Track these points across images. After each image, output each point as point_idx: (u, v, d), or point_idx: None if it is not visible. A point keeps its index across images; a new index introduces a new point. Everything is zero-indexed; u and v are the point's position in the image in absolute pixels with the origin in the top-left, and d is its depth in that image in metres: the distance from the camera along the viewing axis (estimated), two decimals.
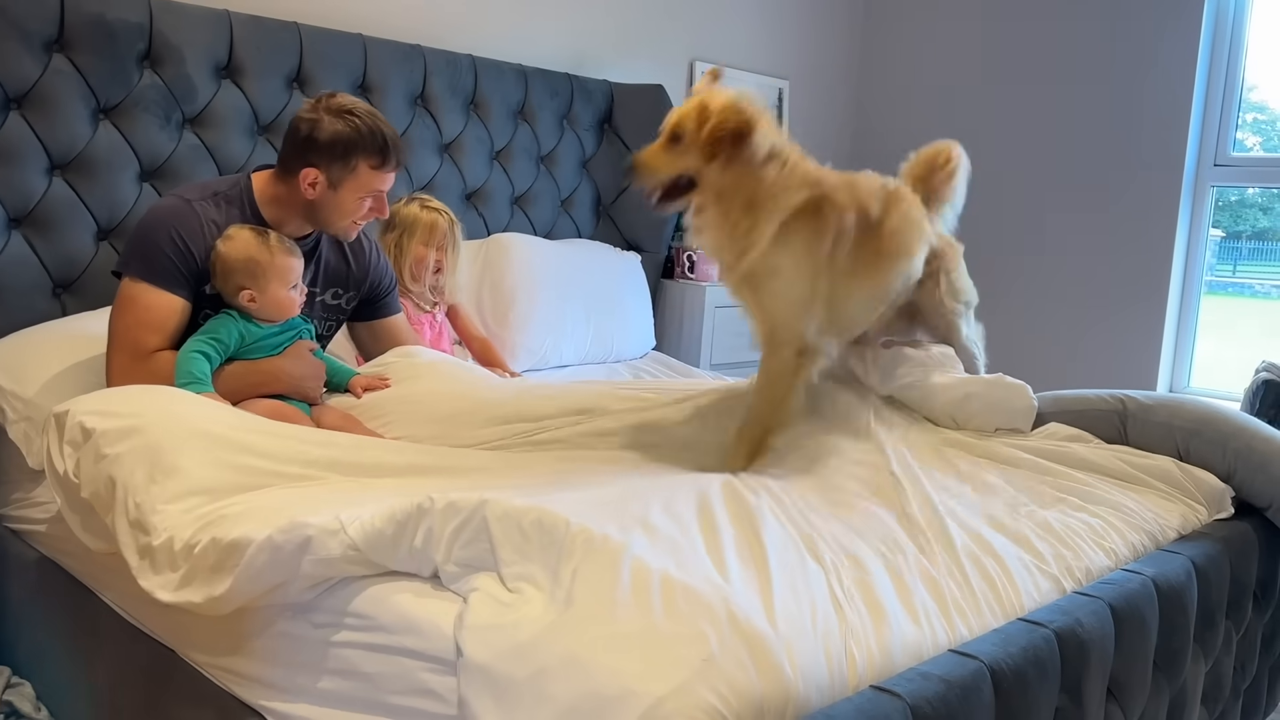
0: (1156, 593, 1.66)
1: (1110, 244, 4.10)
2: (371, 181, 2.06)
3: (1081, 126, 4.14)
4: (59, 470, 1.67)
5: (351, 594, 1.39)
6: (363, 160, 2.03)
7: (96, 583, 1.83)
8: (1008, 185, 4.34)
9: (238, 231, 1.97)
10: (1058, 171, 4.22)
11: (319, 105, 2.04)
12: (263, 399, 1.95)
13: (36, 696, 1.97)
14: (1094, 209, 4.13)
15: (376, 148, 2.03)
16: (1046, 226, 4.28)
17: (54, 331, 2.25)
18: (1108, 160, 4.09)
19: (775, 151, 1.88)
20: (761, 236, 1.87)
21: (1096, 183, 4.12)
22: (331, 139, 2.00)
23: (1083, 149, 4.15)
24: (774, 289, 1.91)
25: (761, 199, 1.86)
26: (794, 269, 1.89)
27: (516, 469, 1.83)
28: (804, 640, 1.21)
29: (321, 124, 2.01)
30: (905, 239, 2.09)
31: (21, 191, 2.31)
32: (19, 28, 2.25)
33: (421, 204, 2.65)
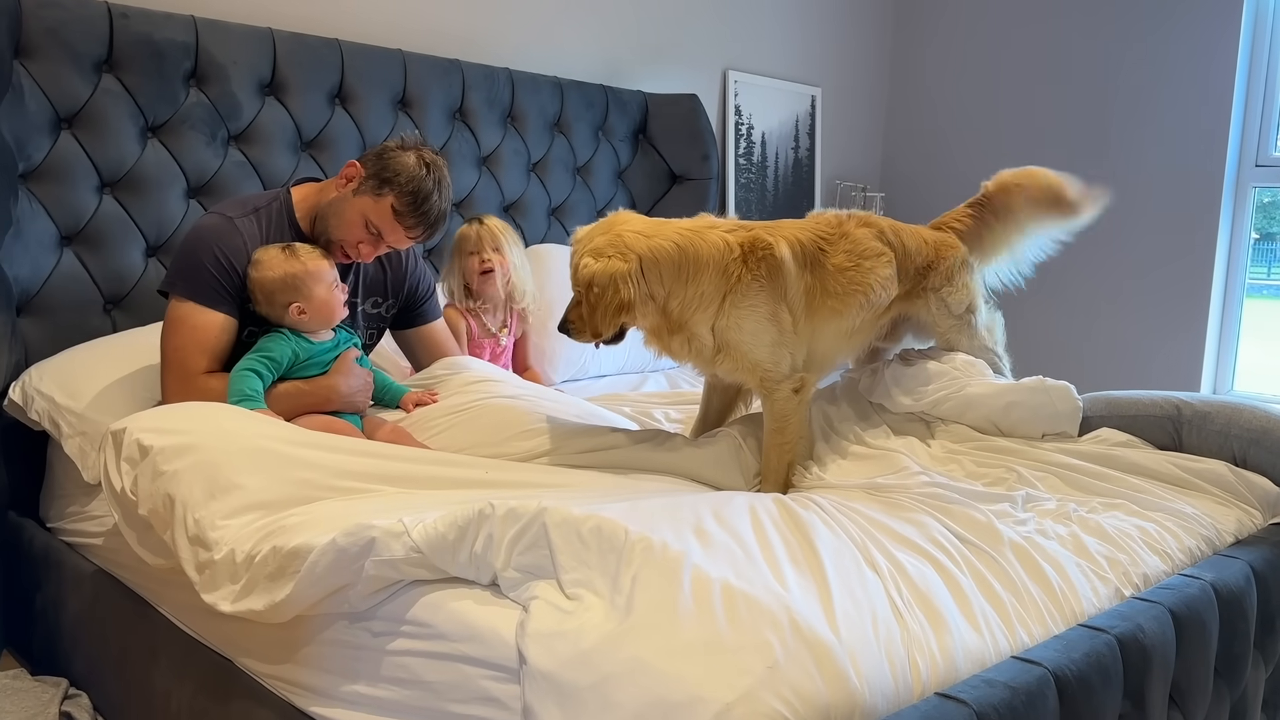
0: (1216, 598, 1.64)
1: (1152, 246, 4.06)
2: (384, 219, 2.05)
3: (1120, 129, 4.11)
4: (116, 487, 1.69)
5: (410, 601, 1.40)
6: (393, 198, 2.04)
7: (153, 595, 1.85)
8: None
9: (263, 254, 1.99)
10: (1097, 175, 4.18)
11: (420, 145, 2.10)
12: (316, 415, 1.97)
13: (94, 707, 1.99)
14: (1135, 211, 4.09)
15: (410, 199, 2.03)
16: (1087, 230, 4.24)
17: (106, 347, 2.28)
18: (1148, 162, 4.05)
19: (665, 275, 1.93)
20: (703, 336, 1.98)
21: (1137, 185, 4.08)
22: (392, 163, 2.04)
23: (1122, 151, 4.11)
24: (744, 345, 1.99)
25: (681, 316, 1.96)
26: (751, 319, 1.97)
27: (566, 482, 1.84)
28: (867, 647, 1.21)
29: (402, 154, 2.06)
30: (851, 277, 2.10)
31: (73, 210, 2.35)
32: (70, 49, 2.29)
33: (468, 222, 2.66)
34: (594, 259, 1.89)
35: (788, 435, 2.02)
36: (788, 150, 4.29)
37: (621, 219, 1.98)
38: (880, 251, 2.18)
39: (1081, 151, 4.21)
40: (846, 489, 1.90)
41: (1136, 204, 4.09)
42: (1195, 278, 3.96)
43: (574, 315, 1.95)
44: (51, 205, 2.31)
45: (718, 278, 1.96)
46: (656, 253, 1.91)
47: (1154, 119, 4.03)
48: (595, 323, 1.90)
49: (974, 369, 2.26)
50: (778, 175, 4.25)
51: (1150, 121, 4.04)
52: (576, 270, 1.91)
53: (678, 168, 3.56)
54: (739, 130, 4.07)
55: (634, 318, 1.93)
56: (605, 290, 1.87)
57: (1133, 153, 4.08)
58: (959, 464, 2.06)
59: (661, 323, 1.97)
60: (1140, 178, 4.07)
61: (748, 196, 4.11)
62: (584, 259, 1.90)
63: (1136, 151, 4.08)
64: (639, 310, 1.91)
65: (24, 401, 2.17)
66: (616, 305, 1.88)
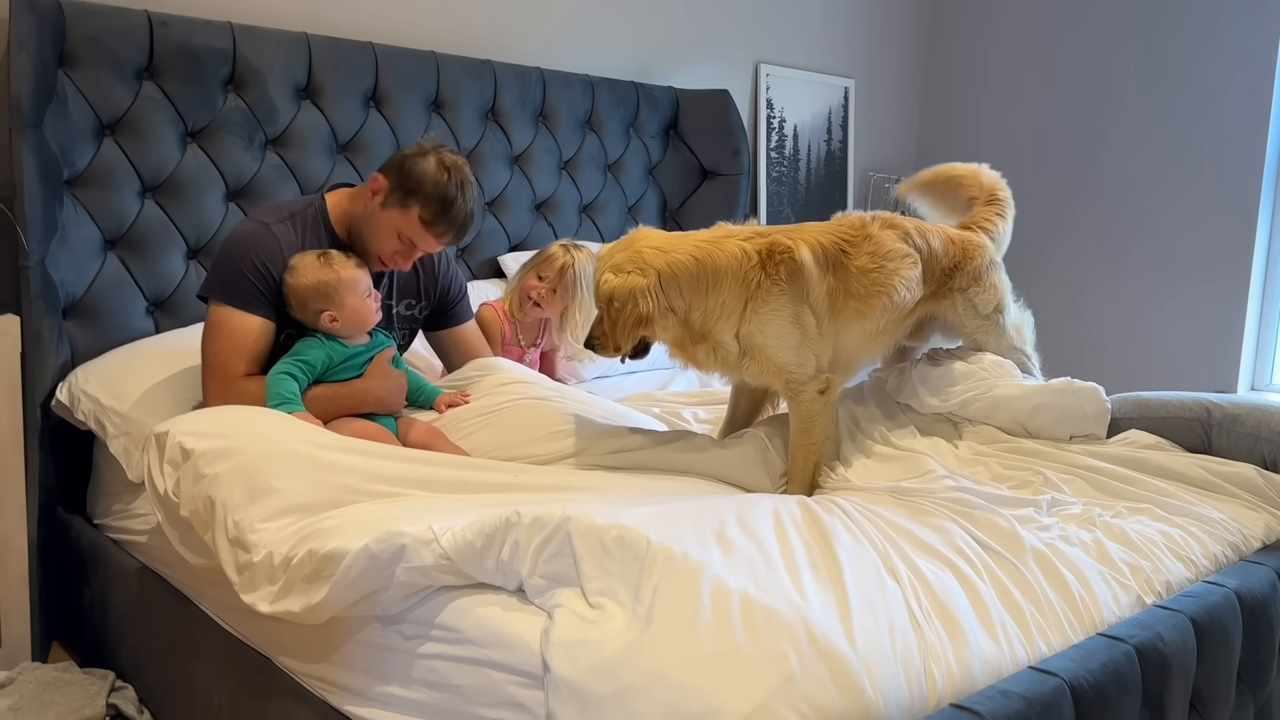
0: (1240, 605, 1.64)
1: (1190, 236, 4.02)
2: (413, 229, 2.07)
3: (1157, 117, 4.07)
4: (159, 489, 1.75)
5: (439, 606, 1.44)
6: (419, 208, 2.05)
7: (195, 593, 1.92)
8: (1081, 180, 4.28)
9: (299, 260, 2.03)
10: (1133, 164, 4.15)
11: (438, 147, 2.10)
12: (352, 419, 2.02)
13: (139, 699, 2.06)
14: (1173, 200, 4.05)
15: (436, 207, 2.05)
16: (1124, 220, 4.21)
17: (149, 348, 2.34)
18: (1187, 153, 4.01)
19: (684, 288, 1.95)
20: (728, 344, 2.01)
21: (1175, 174, 4.04)
22: (413, 173, 2.06)
23: (1159, 139, 4.07)
24: (769, 348, 2.01)
25: (704, 326, 1.99)
26: (774, 322, 2.00)
27: (593, 485, 1.88)
28: (883, 659, 1.23)
29: (421, 160, 2.06)
30: (875, 278, 2.11)
31: (116, 214, 2.41)
32: (112, 57, 2.35)
33: (564, 243, 2.68)
34: (614, 275, 1.93)
35: (813, 436, 2.04)
36: (820, 143, 4.28)
37: (641, 235, 2.01)
38: (905, 253, 2.18)
39: (1119, 142, 4.17)
40: (871, 492, 1.92)
41: (1175, 195, 4.04)
42: (1235, 268, 3.92)
43: (598, 331, 1.99)
44: (95, 210, 2.38)
45: (737, 286, 1.98)
46: (674, 267, 1.94)
47: (1193, 110, 3.98)
48: (616, 336, 1.94)
49: (1002, 370, 2.27)
50: (810, 168, 4.24)
51: (1189, 112, 3.99)
52: (598, 286, 1.95)
53: (709, 163, 3.57)
54: (771, 124, 4.07)
55: (654, 331, 1.96)
56: (625, 305, 1.91)
57: (1172, 143, 4.04)
58: (985, 466, 2.07)
59: (684, 334, 2.00)
60: (1179, 169, 4.02)
61: (779, 190, 4.12)
62: (605, 275, 1.94)
63: (1175, 142, 4.03)
64: (658, 323, 1.95)
65: (70, 402, 2.24)
66: (635, 319, 1.92)
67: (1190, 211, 4.01)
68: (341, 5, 2.84)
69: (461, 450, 2.08)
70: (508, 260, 3.07)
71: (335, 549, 1.51)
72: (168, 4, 2.52)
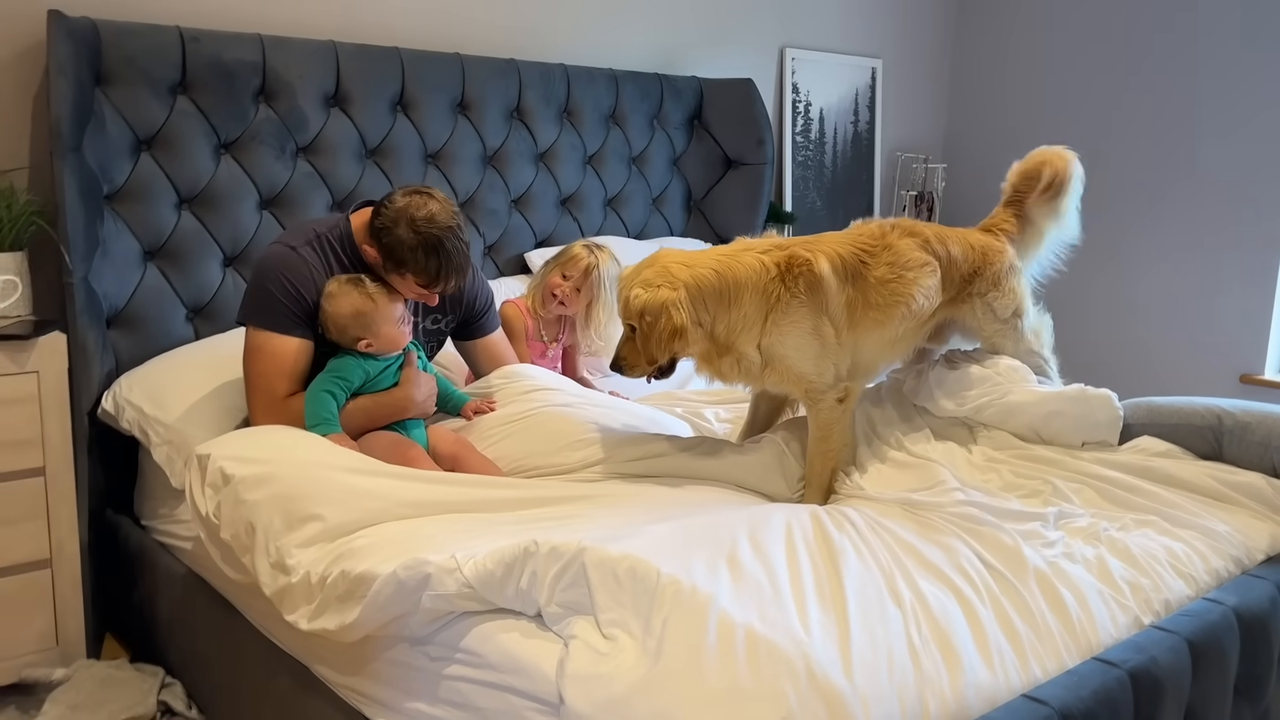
0: (1238, 622, 1.69)
1: (1220, 213, 4.00)
2: (416, 291, 2.14)
3: (1183, 100, 4.02)
4: (201, 510, 1.85)
5: (463, 630, 1.53)
6: (412, 274, 2.11)
7: (238, 602, 2.02)
8: (1107, 164, 4.25)
9: (338, 288, 2.10)
10: (1160, 147, 4.12)
11: (412, 204, 2.08)
12: (383, 432, 2.11)
13: (188, 695, 2.18)
14: (1200, 183, 4.02)
15: (428, 273, 2.09)
16: (1151, 204, 4.18)
17: (188, 357, 2.43)
18: (1213, 133, 3.97)
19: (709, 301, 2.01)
20: (750, 355, 2.06)
21: (1202, 156, 4.00)
22: (395, 245, 2.07)
23: (1186, 123, 4.03)
24: (789, 359, 2.06)
25: (728, 339, 2.04)
26: (794, 334, 2.04)
27: (613, 495, 1.95)
28: (880, 693, 1.30)
29: (397, 227, 2.07)
30: (893, 288, 2.15)
31: (154, 226, 2.50)
32: (147, 75, 2.43)
33: (585, 243, 2.73)
34: (644, 289, 1.97)
35: (831, 444, 2.10)
36: (847, 124, 4.28)
37: (664, 253, 2.06)
38: (924, 261, 2.22)
39: (1150, 119, 4.13)
40: (884, 504, 1.98)
41: (1205, 173, 4.01)
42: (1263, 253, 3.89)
43: (626, 350, 2.04)
44: (134, 223, 2.47)
45: (757, 298, 2.04)
46: (699, 281, 1.99)
47: (1217, 87, 3.93)
48: (650, 351, 1.99)
49: (1016, 375, 2.30)
50: (836, 150, 4.25)
51: (1213, 90, 3.94)
52: (627, 303, 2.00)
53: (733, 153, 3.60)
54: (796, 108, 4.07)
55: (686, 344, 2.00)
56: (658, 318, 1.96)
57: (1196, 125, 4.00)
58: (998, 473, 2.12)
59: (710, 347, 2.05)
60: (1205, 150, 3.99)
61: (805, 174, 4.13)
62: (634, 290, 1.99)
63: (1201, 123, 3.99)
64: (690, 336, 1.99)
65: (115, 411, 2.34)
66: (670, 331, 1.96)
67: (1220, 189, 3.97)
68: (367, 11, 2.89)
69: (488, 460, 2.16)
70: (533, 256, 3.13)
71: (365, 571, 1.60)
72: (198, 18, 2.59)
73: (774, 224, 3.85)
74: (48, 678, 2.17)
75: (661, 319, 1.96)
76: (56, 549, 2.23)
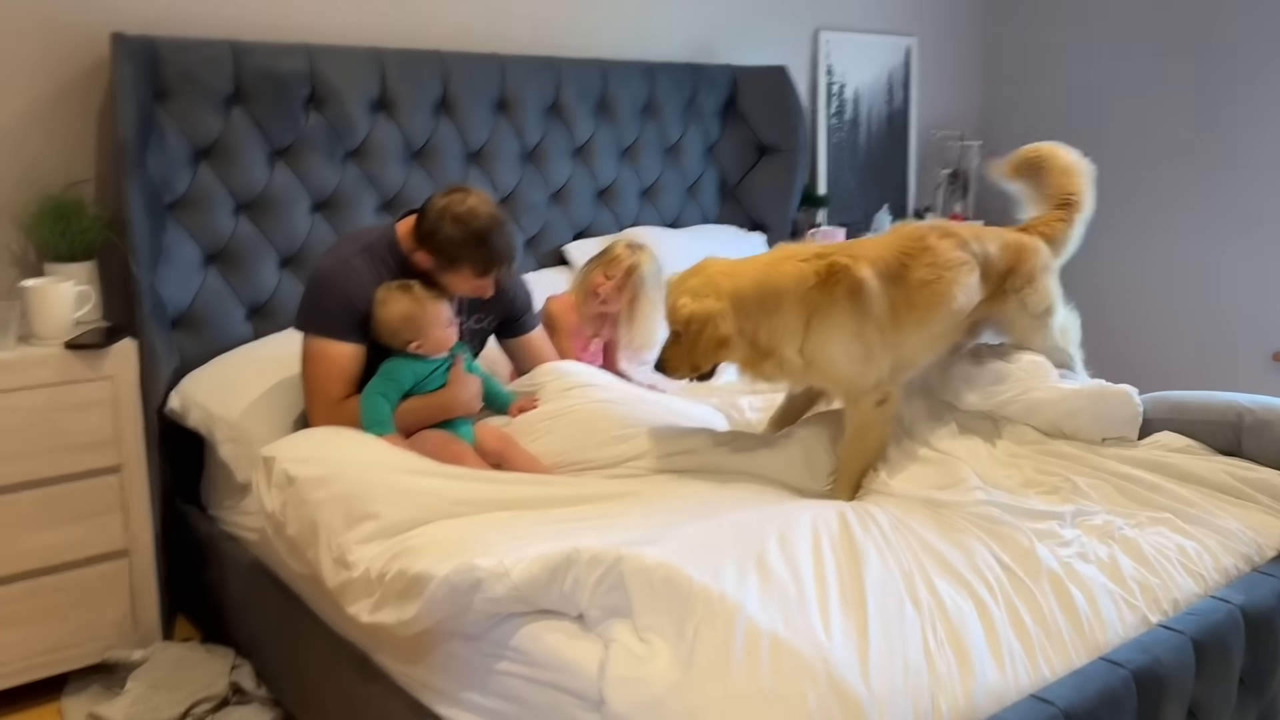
0: (1243, 620, 1.78)
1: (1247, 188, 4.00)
2: (472, 284, 2.26)
3: (1221, 75, 4.01)
4: (268, 508, 2.00)
5: (512, 629, 1.65)
6: (467, 267, 2.23)
7: (301, 591, 2.17)
8: (1138, 145, 4.26)
9: (388, 294, 2.22)
10: (1194, 123, 4.11)
11: (452, 203, 2.21)
12: (432, 430, 2.24)
13: (256, 674, 2.35)
14: (1229, 165, 4.03)
15: (481, 262, 2.22)
16: (1179, 185, 4.19)
17: (249, 356, 2.58)
18: (1242, 114, 3.96)
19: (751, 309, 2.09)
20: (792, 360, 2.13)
21: (1237, 131, 4.00)
22: (445, 243, 2.20)
23: (1222, 98, 4.02)
24: (831, 363, 2.14)
25: (770, 344, 2.12)
26: (837, 339, 2.12)
27: (648, 496, 2.06)
28: (894, 696, 1.41)
29: (443, 228, 2.20)
30: (934, 289, 2.21)
31: (213, 232, 2.63)
32: (203, 89, 2.55)
33: (626, 243, 2.83)
34: (691, 299, 2.07)
35: (867, 444, 2.19)
36: (881, 104, 4.32)
37: (710, 262, 2.15)
38: (963, 261, 2.28)
39: (1185, 96, 4.13)
40: (908, 502, 2.07)
41: (1231, 159, 4.01)
42: None
43: (670, 354, 2.14)
44: (195, 230, 2.60)
45: (798, 306, 2.12)
46: (741, 290, 2.09)
47: (1251, 71, 3.91)
48: (695, 358, 2.09)
49: (1039, 371, 2.38)
50: (870, 131, 4.29)
51: (1247, 73, 3.93)
52: (674, 310, 2.10)
53: (766, 140, 3.66)
54: (830, 90, 4.12)
55: (729, 353, 2.10)
56: (704, 327, 2.05)
57: (1227, 106, 3.99)
58: (1019, 469, 2.21)
59: (753, 354, 2.14)
60: (1235, 131, 3.98)
61: (839, 156, 4.18)
62: (681, 299, 2.08)
63: (1231, 104, 3.98)
64: (733, 345, 2.09)
65: (182, 410, 2.50)
66: (716, 341, 2.07)
67: (1256, 168, 3.98)
68: (409, 16, 2.98)
69: (531, 455, 2.28)
70: (571, 249, 3.24)
71: (421, 572, 1.73)
72: (249, 31, 2.70)
73: (808, 207, 3.92)
74: (128, 658, 2.35)
75: (707, 329, 2.06)
76: (132, 540, 2.40)
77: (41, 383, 2.21)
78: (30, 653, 2.31)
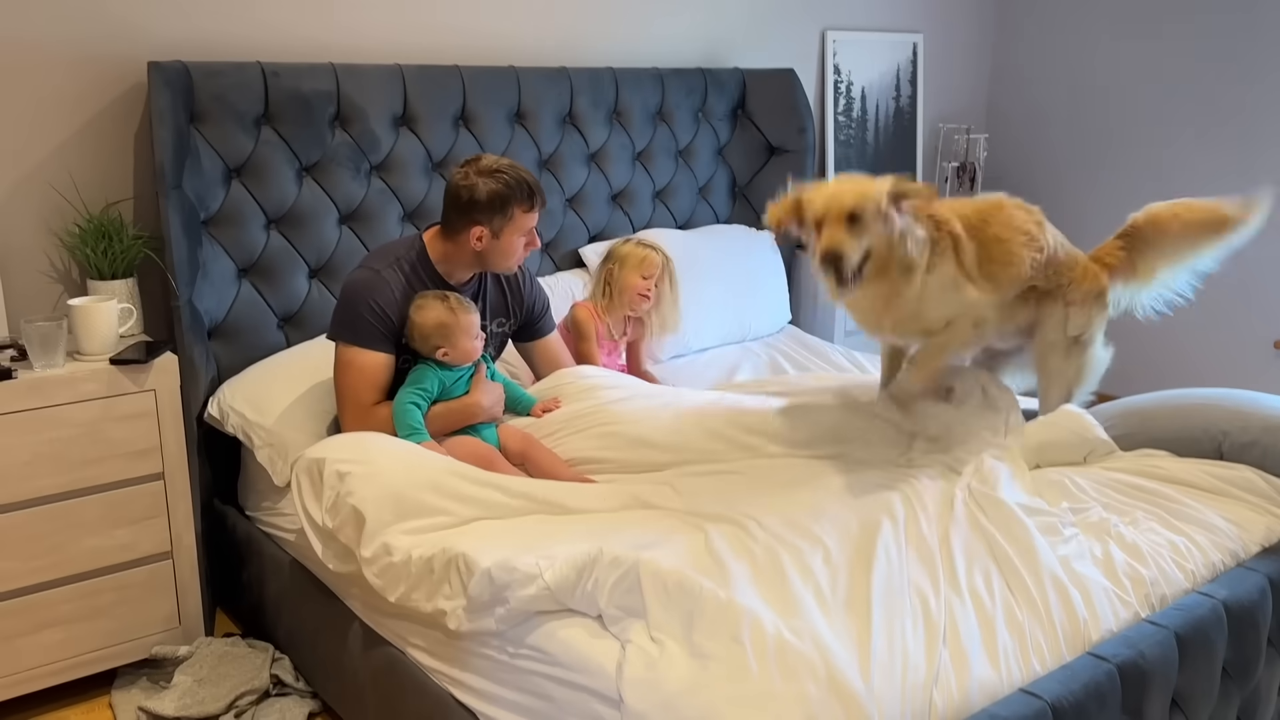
0: (1226, 614, 1.88)
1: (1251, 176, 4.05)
2: (526, 223, 2.44)
3: (1223, 66, 4.07)
4: (309, 510, 2.14)
5: (532, 628, 1.77)
6: (516, 207, 2.40)
7: (339, 590, 2.30)
8: (1142, 135, 4.32)
9: (425, 301, 2.35)
10: (1192, 119, 4.18)
11: (470, 170, 2.40)
12: (464, 437, 2.37)
13: (295, 669, 2.49)
14: (1231, 154, 4.09)
15: (525, 195, 2.41)
16: (1183, 175, 4.26)
17: (283, 363, 2.70)
18: (1244, 102, 4.02)
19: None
20: (916, 286, 2.22)
21: (1234, 126, 4.06)
22: (490, 197, 2.37)
23: (1218, 95, 4.08)
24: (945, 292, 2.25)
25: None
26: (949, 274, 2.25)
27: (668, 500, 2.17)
28: (892, 693, 1.52)
29: (478, 187, 2.37)
30: (1008, 247, 2.30)
31: (247, 247, 2.76)
32: (235, 111, 2.66)
33: (638, 242, 2.96)
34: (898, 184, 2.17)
35: (948, 346, 2.32)
36: (888, 100, 4.40)
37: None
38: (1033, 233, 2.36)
39: (1188, 89, 4.19)
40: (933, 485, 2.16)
41: (1234, 155, 4.07)
42: None
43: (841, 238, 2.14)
44: (229, 245, 2.73)
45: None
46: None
47: (1253, 64, 3.97)
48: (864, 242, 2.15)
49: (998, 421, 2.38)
50: (878, 127, 4.37)
51: (1249, 65, 3.98)
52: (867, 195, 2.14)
53: (775, 140, 3.75)
54: (838, 89, 4.20)
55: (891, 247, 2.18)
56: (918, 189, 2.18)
57: (1230, 101, 4.05)
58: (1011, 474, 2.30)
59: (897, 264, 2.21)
60: (1239, 125, 4.04)
61: (847, 153, 4.27)
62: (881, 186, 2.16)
63: (1234, 99, 4.04)
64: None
65: (221, 416, 2.63)
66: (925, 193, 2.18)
67: (1258, 156, 4.04)
68: (428, 34, 3.09)
69: (554, 454, 2.40)
70: (587, 251, 3.34)
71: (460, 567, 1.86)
72: (277, 53, 2.81)
73: None
74: (174, 654, 2.49)
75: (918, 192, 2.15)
76: (176, 541, 2.53)
77: (90, 396, 2.34)
78: (82, 649, 2.45)
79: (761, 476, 2.27)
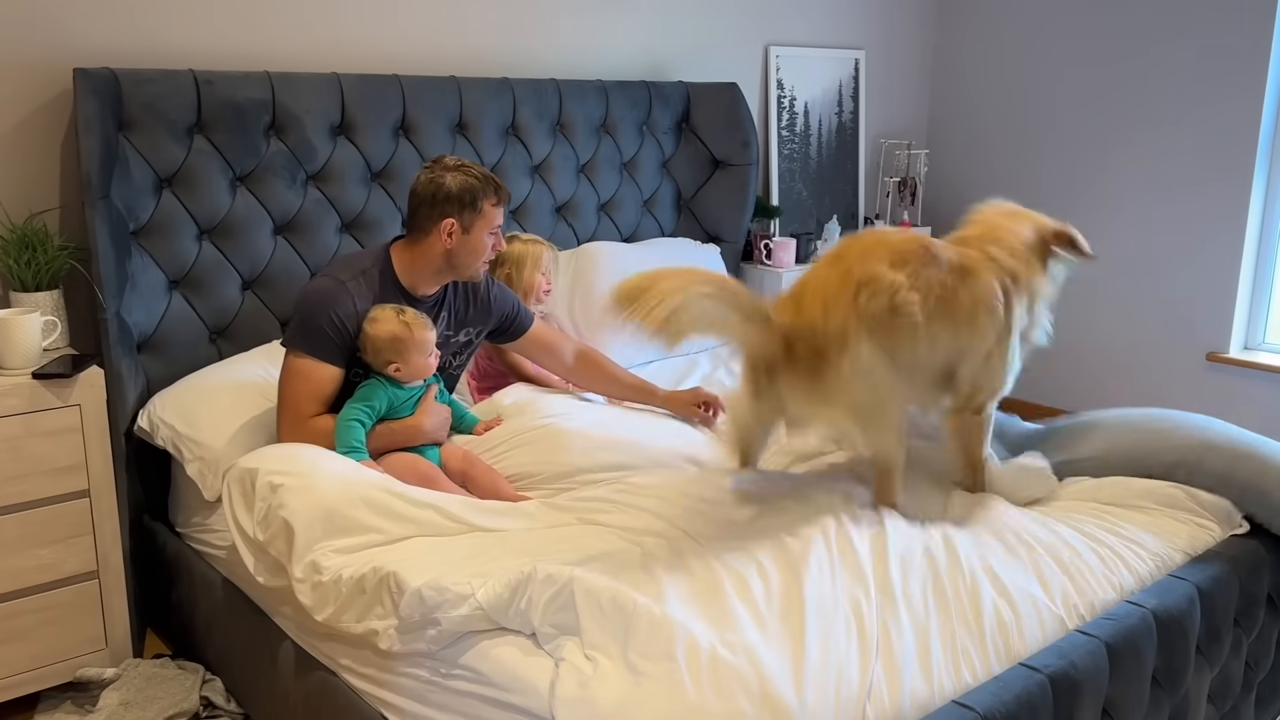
0: (1155, 623, 1.91)
1: (1184, 190, 4.15)
2: (494, 217, 2.44)
3: (1156, 75, 4.16)
4: (240, 521, 2.09)
5: (465, 648, 1.74)
6: (485, 201, 2.41)
7: (269, 608, 2.25)
8: (1077, 150, 4.40)
9: (381, 313, 2.31)
10: (1125, 135, 4.27)
11: (435, 168, 2.40)
12: (406, 454, 2.34)
13: (226, 690, 2.43)
14: (1161, 167, 4.18)
15: (493, 188, 2.43)
16: (1115, 188, 4.34)
17: (214, 377, 2.64)
18: (1173, 118, 4.11)
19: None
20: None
21: (1165, 142, 4.15)
22: (460, 189, 2.38)
23: (1157, 97, 4.17)
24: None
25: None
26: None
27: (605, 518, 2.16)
28: (825, 706, 1.51)
29: (446, 181, 2.38)
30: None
31: (178, 257, 2.70)
32: (165, 119, 2.61)
33: (521, 240, 2.94)
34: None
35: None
36: (831, 116, 4.44)
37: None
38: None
39: (1124, 105, 4.28)
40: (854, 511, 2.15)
41: (1170, 144, 4.17)
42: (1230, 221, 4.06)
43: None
44: (160, 256, 2.67)
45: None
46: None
47: (1189, 58, 4.07)
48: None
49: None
50: (821, 141, 4.41)
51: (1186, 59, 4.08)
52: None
53: (719, 154, 3.77)
54: (781, 104, 4.23)
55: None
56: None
57: (1167, 96, 4.14)
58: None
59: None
60: (1175, 118, 4.14)
61: (791, 167, 4.30)
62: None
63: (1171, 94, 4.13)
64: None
65: (151, 428, 2.56)
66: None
67: (1187, 169, 4.13)
68: (367, 42, 3.05)
69: (493, 471, 2.38)
70: None
71: (391, 586, 1.83)
72: (210, 61, 2.76)
73: (761, 218, 4.03)
74: (100, 676, 2.42)
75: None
76: (103, 561, 2.46)
77: (11, 411, 2.27)
78: (3, 673, 2.37)
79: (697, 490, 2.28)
